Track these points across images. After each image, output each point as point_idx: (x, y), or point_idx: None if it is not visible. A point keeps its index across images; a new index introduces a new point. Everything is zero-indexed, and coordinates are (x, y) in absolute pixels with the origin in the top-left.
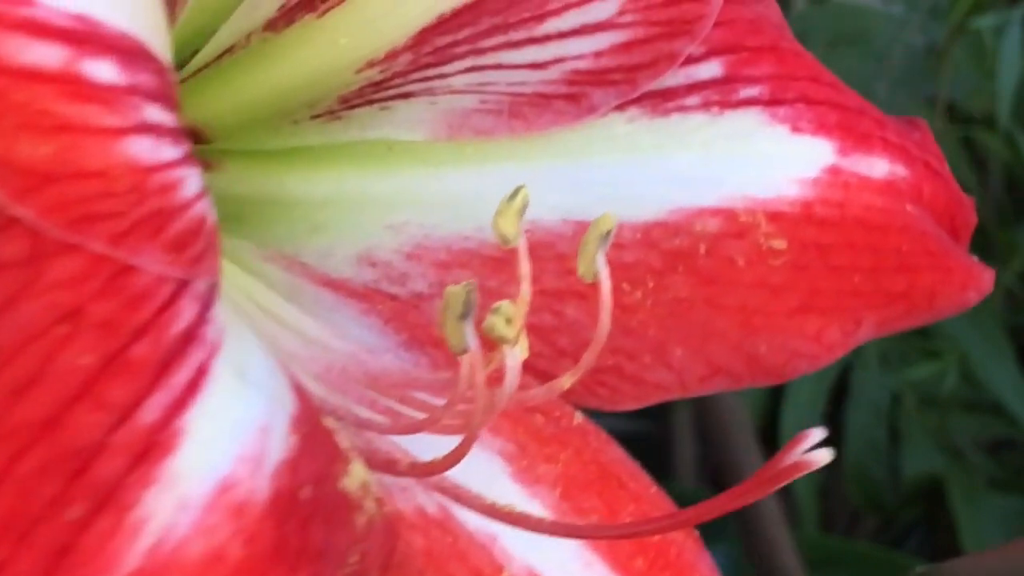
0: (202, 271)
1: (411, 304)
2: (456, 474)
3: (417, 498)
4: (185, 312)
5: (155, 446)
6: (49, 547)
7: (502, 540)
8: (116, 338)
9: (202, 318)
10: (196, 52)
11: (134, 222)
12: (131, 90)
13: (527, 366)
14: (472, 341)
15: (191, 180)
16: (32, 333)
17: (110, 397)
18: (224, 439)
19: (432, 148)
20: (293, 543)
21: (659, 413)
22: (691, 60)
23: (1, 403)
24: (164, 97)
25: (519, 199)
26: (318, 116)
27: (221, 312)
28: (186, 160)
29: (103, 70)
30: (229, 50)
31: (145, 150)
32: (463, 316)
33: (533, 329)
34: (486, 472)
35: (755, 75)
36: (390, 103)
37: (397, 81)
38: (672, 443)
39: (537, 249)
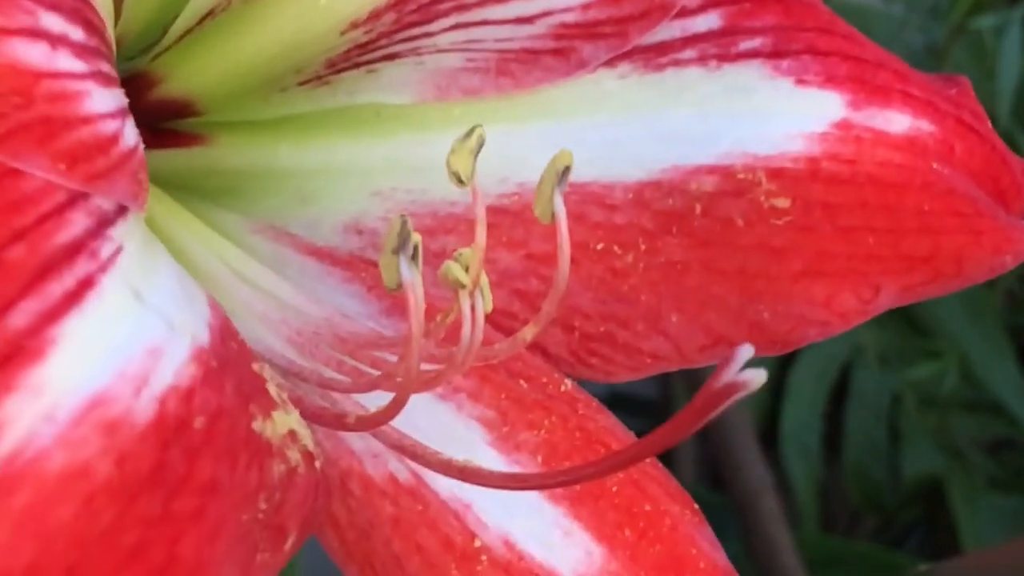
0: (106, 189)
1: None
2: (431, 438)
3: (388, 465)
4: (75, 224)
5: (21, 351)
6: None
7: (476, 508)
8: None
9: (96, 233)
10: (177, 17)
11: (16, 125)
12: None
13: (509, 330)
14: (408, 275)
15: (99, 97)
16: None
17: None
18: (102, 353)
19: (420, 112)
20: (176, 471)
21: (659, 413)
22: (687, 12)
23: None
24: (70, 10)
25: (474, 137)
26: (305, 82)
27: (130, 234)
28: (94, 76)
29: None
30: (210, 13)
31: (35, 55)
32: (396, 250)
33: (519, 293)
34: (465, 439)
35: (757, 26)
36: (376, 65)
37: (383, 42)
38: None
39: (526, 211)
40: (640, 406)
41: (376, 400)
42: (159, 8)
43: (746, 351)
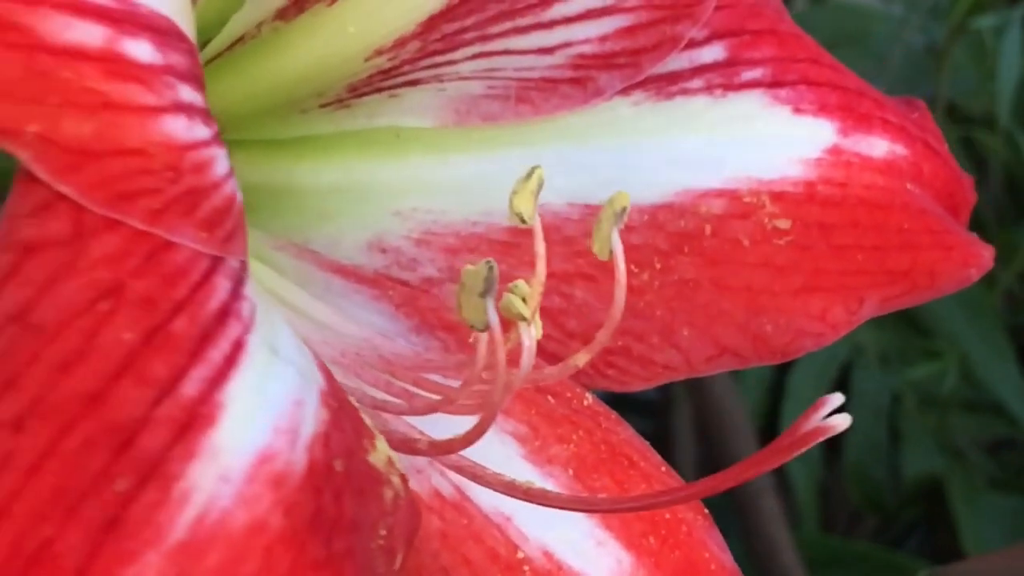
0: (233, 249)
1: (421, 289)
2: (472, 455)
3: (432, 480)
4: (220, 288)
5: (197, 419)
6: (97, 520)
7: (516, 521)
8: (156, 314)
9: (236, 294)
10: (207, 42)
11: (170, 199)
12: (166, 69)
13: (538, 348)
14: (494, 317)
15: (220, 160)
16: (76, 310)
17: (152, 372)
18: (261, 412)
19: (439, 134)
20: (329, 514)
21: (659, 413)
22: (694, 44)
23: (47, 379)
24: (194, 78)
25: (534, 179)
26: (327, 104)
27: (254, 290)
28: (215, 140)
29: (141, 49)
30: (240, 39)
31: (180, 129)
32: (484, 293)
33: (543, 312)
34: (500, 453)
35: (756, 58)
36: (398, 90)
37: (405, 68)
38: (672, 443)
39: (545, 233)
40: (641, 406)
41: (423, 423)
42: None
43: (836, 399)
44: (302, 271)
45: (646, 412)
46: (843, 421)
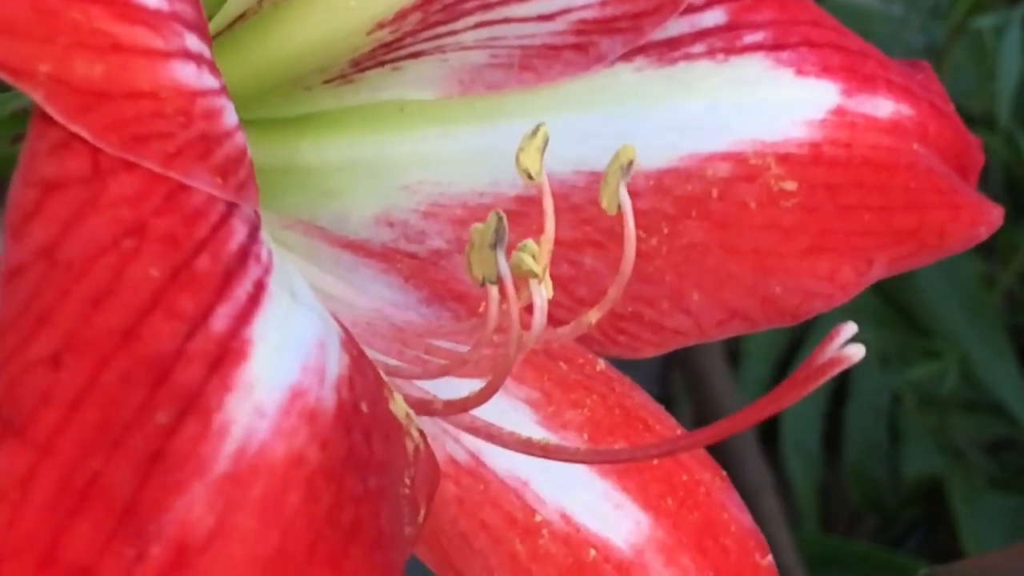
0: (246, 198)
1: (430, 261)
2: (486, 419)
3: (447, 447)
4: (238, 231)
5: (228, 353)
6: (142, 453)
7: (533, 485)
8: (180, 251)
9: (253, 238)
10: (209, 20)
11: (183, 144)
12: (173, 16)
13: (549, 317)
14: (504, 267)
15: (229, 111)
16: (101, 247)
17: (181, 307)
18: (290, 349)
19: (444, 106)
20: (362, 453)
21: None
22: (694, 8)
23: (80, 314)
24: (201, 28)
25: (540, 135)
26: (330, 80)
27: (267, 237)
28: (224, 91)
29: None
30: (241, 16)
31: (190, 75)
32: (494, 245)
33: (553, 280)
34: (513, 419)
35: (758, 21)
36: (401, 63)
37: (408, 41)
38: None
39: (555, 200)
40: None
41: (436, 387)
42: None
43: (850, 327)
44: (311, 248)
45: None
46: (858, 351)
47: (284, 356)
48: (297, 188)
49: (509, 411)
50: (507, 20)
